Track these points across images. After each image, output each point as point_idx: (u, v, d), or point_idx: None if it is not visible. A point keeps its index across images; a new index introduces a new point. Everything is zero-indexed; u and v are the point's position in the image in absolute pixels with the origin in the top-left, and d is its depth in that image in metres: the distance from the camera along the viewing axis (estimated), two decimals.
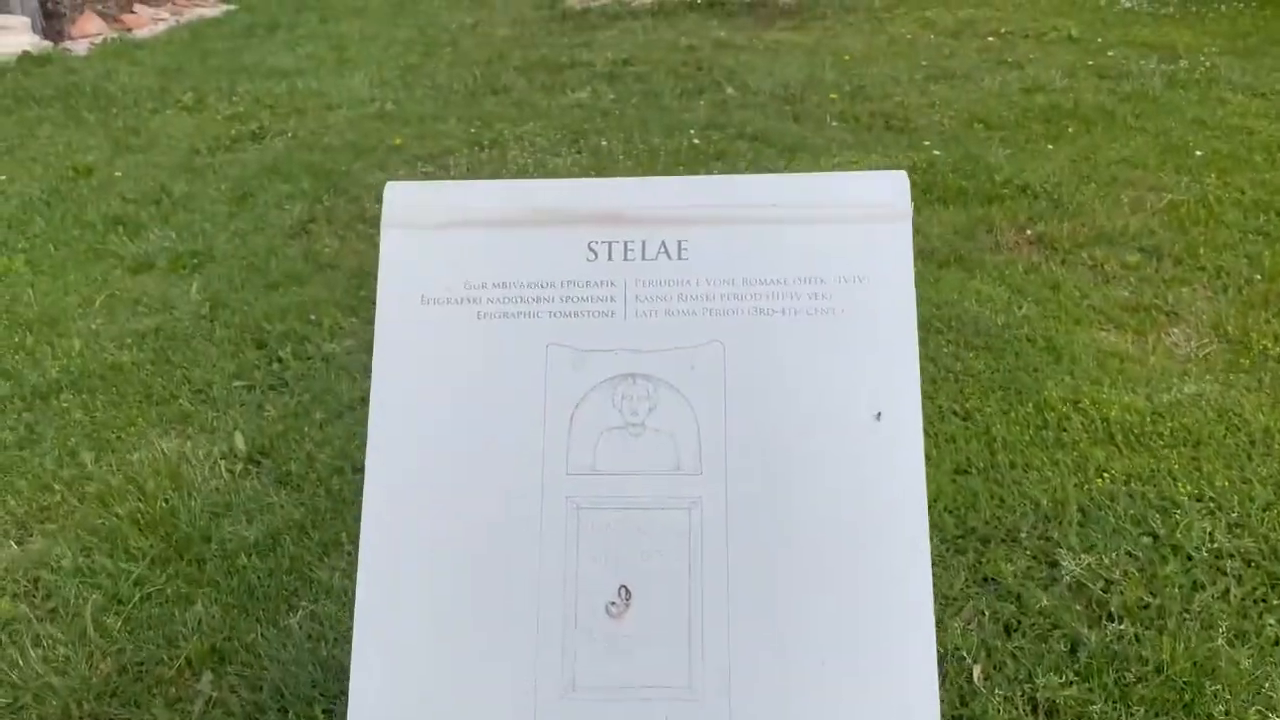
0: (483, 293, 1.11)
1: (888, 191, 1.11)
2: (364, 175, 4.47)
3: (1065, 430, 2.40)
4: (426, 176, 4.50)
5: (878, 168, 4.42)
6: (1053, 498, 2.15)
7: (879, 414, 1.06)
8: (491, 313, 1.10)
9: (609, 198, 1.13)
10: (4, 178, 4.55)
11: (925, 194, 4.05)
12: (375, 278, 1.13)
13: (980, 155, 4.44)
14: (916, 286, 1.13)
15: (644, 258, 1.11)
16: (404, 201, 1.15)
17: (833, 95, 5.54)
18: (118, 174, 4.60)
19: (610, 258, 1.11)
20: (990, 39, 6.95)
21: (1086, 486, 2.18)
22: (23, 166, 4.71)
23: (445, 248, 1.11)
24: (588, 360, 1.08)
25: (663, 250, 1.11)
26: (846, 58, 6.40)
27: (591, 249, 1.12)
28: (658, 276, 1.11)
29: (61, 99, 5.98)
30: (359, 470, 2.33)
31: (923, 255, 3.53)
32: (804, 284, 1.09)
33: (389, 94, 6.04)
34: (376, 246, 3.55)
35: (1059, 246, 3.50)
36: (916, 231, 3.87)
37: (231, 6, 9.89)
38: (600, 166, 4.51)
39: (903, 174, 1.11)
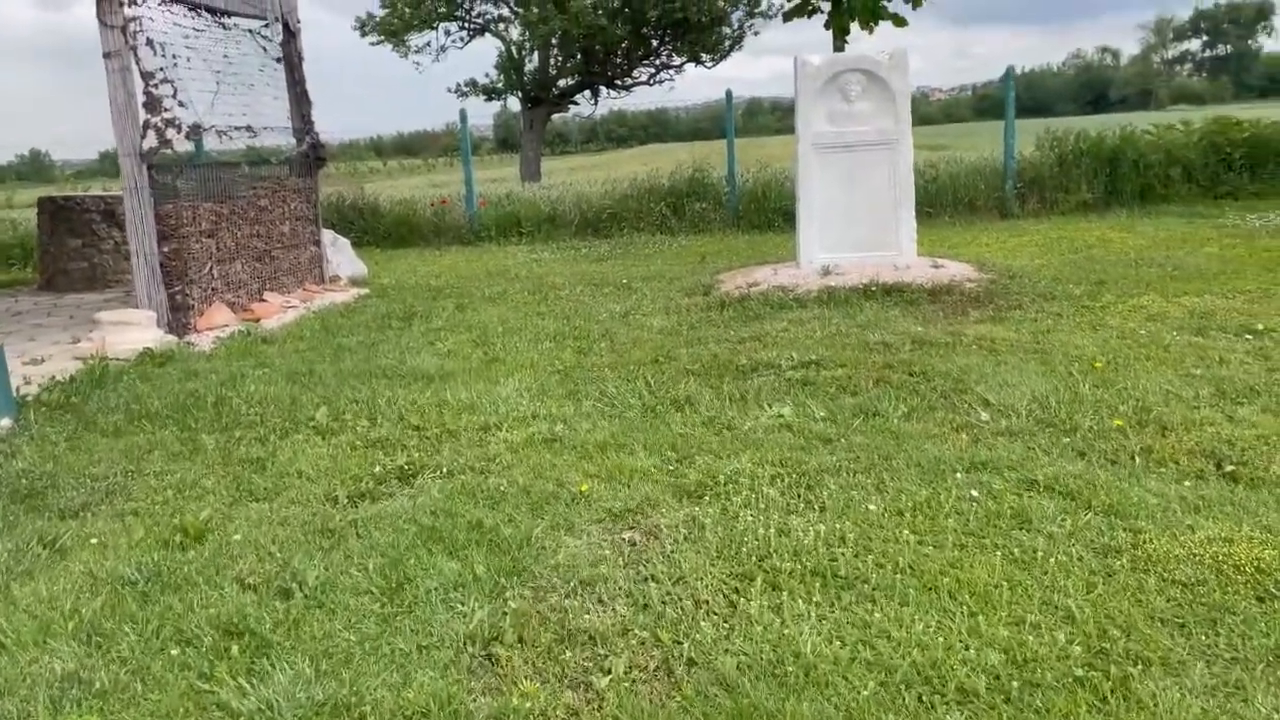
0: None
1: None
2: (552, 548, 3.37)
3: None
4: (633, 547, 3.38)
5: (1253, 542, 3.16)
6: None
7: None
8: None
9: None
10: (95, 541, 3.58)
11: None
12: None
13: None
14: None
15: None
16: None
17: (1115, 421, 4.38)
18: (235, 537, 3.58)
19: None
20: (1249, 338, 5.82)
21: None
22: (122, 524, 3.75)
23: None
24: None
25: None
26: (1098, 364, 5.30)
27: None
28: None
29: (178, 416, 5.16)
30: None
31: None
32: None
33: (552, 408, 5.09)
34: (604, 704, 2.28)
35: None
36: None
37: (363, 290, 9.47)
38: (866, 538, 3.34)
39: None
